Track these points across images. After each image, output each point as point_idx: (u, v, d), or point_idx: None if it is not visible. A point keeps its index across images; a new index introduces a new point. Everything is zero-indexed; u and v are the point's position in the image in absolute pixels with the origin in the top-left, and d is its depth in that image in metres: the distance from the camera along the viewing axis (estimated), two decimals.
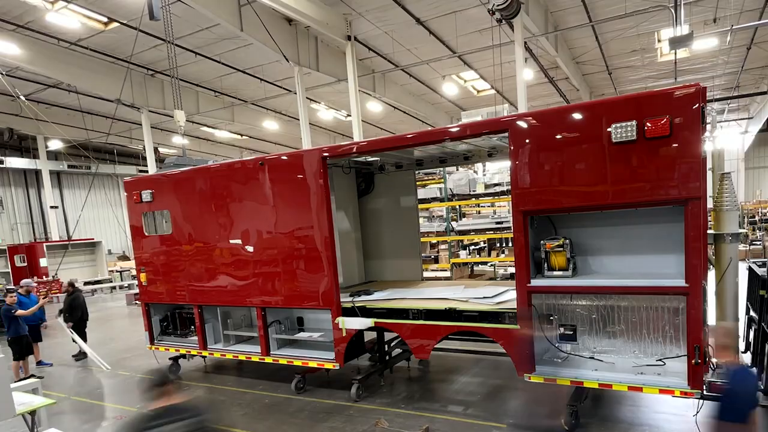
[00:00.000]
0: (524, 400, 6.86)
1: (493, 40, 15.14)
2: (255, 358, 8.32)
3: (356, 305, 7.27)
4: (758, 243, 20.32)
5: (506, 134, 5.81)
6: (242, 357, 8.54)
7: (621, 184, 5.13)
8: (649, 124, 4.87)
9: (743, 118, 28.50)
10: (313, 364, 7.67)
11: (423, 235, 13.05)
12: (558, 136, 5.45)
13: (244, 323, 9.00)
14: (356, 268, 9.40)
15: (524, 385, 7.35)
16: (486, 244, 15.97)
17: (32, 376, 9.17)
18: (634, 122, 4.94)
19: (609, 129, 5.06)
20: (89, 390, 8.94)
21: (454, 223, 15.23)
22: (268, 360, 8.12)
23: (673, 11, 12.43)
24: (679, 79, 21.12)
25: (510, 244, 14.72)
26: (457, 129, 6.41)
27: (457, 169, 16.06)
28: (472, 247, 16.71)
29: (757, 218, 25.82)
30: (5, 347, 9.50)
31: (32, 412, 5.92)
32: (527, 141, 5.63)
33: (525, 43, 14.59)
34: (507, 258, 14.21)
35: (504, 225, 13.53)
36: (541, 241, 5.91)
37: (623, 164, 5.08)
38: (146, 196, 8.95)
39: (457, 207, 16.20)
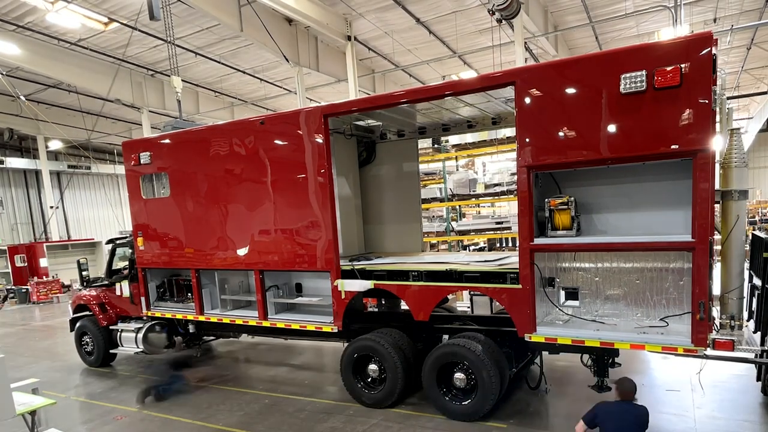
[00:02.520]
0: (525, 400, 6.86)
1: (493, 40, 15.16)
2: (252, 323, 8.22)
3: (356, 268, 7.24)
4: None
5: (512, 90, 5.74)
6: (239, 321, 8.44)
7: (629, 136, 5.08)
8: (658, 75, 4.82)
9: (743, 118, 28.48)
10: (311, 328, 7.62)
11: (423, 235, 13.08)
12: (565, 89, 5.39)
13: (242, 289, 8.91)
14: (356, 238, 9.34)
15: (524, 385, 7.36)
16: (486, 245, 15.96)
17: None
18: (643, 72, 4.89)
19: (617, 80, 5.00)
20: (90, 390, 8.93)
21: (454, 223, 15.23)
22: (266, 324, 8.02)
23: (673, 11, 12.45)
24: None
25: (510, 245, 14.73)
26: (466, 82, 6.38)
27: (457, 170, 16.06)
28: (473, 247, 16.70)
29: (757, 218, 25.81)
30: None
31: (32, 412, 5.92)
32: (534, 94, 5.56)
33: (525, 43, 14.60)
34: None
35: (504, 225, 13.52)
36: (546, 199, 5.84)
37: (632, 116, 5.04)
38: (144, 158, 8.82)
39: (457, 207, 16.20)
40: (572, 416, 6.35)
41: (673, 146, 4.91)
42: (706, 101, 4.74)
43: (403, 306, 7.79)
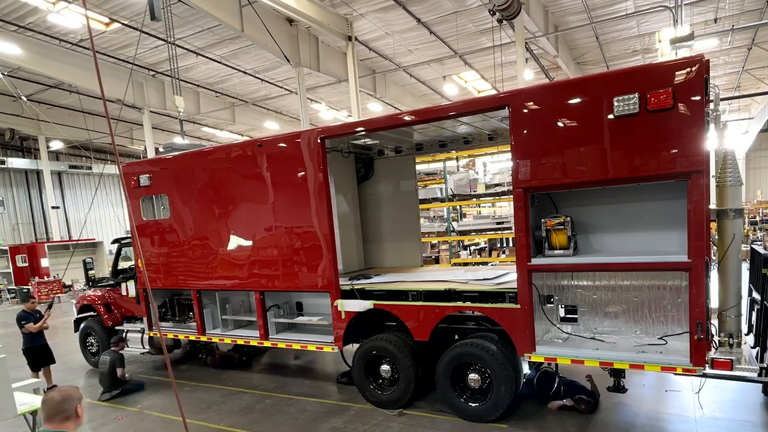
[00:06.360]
0: (525, 400, 6.86)
1: (494, 41, 15.17)
2: (254, 343, 8.28)
3: (355, 288, 7.25)
4: (759, 243, 20.28)
5: (506, 111, 5.77)
6: (240, 341, 8.47)
7: (624, 158, 5.10)
8: (651, 97, 4.85)
9: (744, 119, 28.47)
10: (312, 348, 7.66)
11: (424, 236, 13.08)
12: (559, 111, 5.42)
13: (243, 308, 8.93)
14: (355, 255, 9.35)
15: (524, 386, 7.36)
16: (487, 245, 15.98)
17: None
18: (636, 95, 4.91)
19: (611, 102, 5.03)
20: (93, 391, 8.94)
21: (454, 224, 15.24)
22: (267, 344, 8.07)
23: (673, 12, 12.45)
24: None
25: (510, 245, 14.73)
26: (460, 105, 6.41)
27: (458, 170, 16.07)
28: (473, 247, 16.73)
29: (757, 219, 25.77)
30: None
31: (33, 412, 5.93)
32: (528, 116, 5.58)
33: (525, 43, 14.60)
34: (508, 258, 14.21)
35: (504, 225, 13.53)
36: (542, 219, 5.85)
37: (626, 138, 5.06)
38: (144, 180, 8.87)
39: (458, 207, 16.22)
40: (573, 416, 6.36)
41: (667, 168, 4.94)
42: (699, 123, 4.76)
43: None
